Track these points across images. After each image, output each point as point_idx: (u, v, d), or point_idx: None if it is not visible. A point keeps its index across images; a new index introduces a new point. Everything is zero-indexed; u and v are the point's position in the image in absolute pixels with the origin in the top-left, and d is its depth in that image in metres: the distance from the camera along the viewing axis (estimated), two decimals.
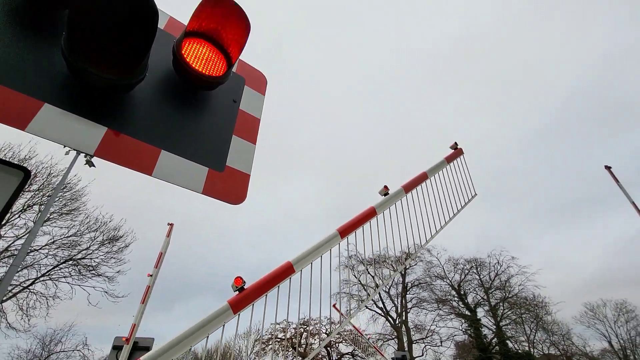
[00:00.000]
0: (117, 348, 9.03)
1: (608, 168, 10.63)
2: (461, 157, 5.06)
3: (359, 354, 29.71)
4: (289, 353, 28.37)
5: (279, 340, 28.96)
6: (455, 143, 5.07)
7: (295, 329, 29.17)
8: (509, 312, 33.03)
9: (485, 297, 33.84)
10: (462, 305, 33.39)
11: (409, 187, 4.02)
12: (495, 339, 31.13)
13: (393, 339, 31.08)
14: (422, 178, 4.30)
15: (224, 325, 2.60)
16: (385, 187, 3.79)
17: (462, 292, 34.24)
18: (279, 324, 29.74)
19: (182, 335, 2.43)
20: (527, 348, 32.72)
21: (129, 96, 1.43)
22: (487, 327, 32.41)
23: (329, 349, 28.74)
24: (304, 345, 28.65)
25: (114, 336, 9.27)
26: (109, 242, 20.16)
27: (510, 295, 33.28)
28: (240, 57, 1.96)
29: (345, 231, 3.46)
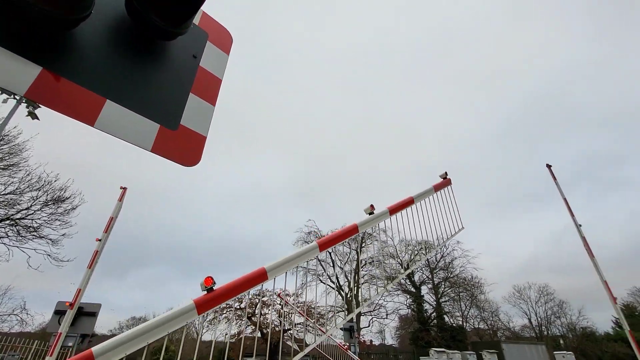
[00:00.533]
0: (59, 313, 8.64)
1: (549, 166, 11.69)
2: (449, 187, 5.24)
3: (311, 325, 31.16)
4: (243, 322, 28.91)
5: (233, 310, 29.31)
6: (445, 173, 5.24)
7: (250, 299, 29.62)
8: (449, 291, 36.26)
9: (429, 276, 36.70)
10: (409, 283, 35.98)
11: (394, 210, 4.17)
12: (434, 314, 34.20)
13: (343, 311, 32.85)
14: (409, 203, 4.49)
15: (186, 324, 2.48)
16: (372, 206, 3.93)
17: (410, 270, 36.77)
18: None
19: (140, 331, 2.26)
20: (460, 322, 36.41)
21: (71, 36, 1.27)
22: (428, 303, 35.42)
23: (282, 319, 29.68)
24: (258, 315, 29.38)
25: (57, 301, 8.87)
26: (54, 203, 18.62)
27: (451, 276, 36.40)
28: (206, 11, 1.81)
29: (325, 245, 3.47)
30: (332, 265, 35.27)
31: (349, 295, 33.52)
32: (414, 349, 27.78)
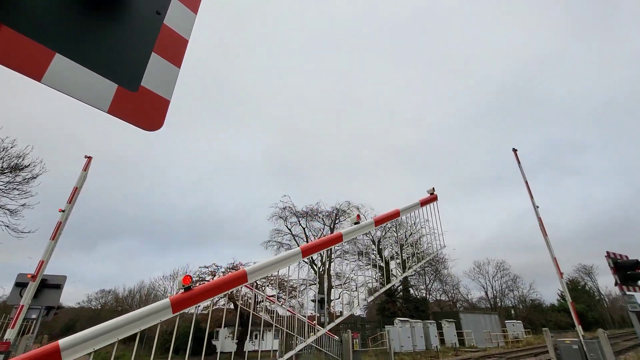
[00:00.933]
0: (20, 285, 8.34)
1: (514, 150, 12.28)
2: (435, 203, 5.31)
3: (283, 297, 32.00)
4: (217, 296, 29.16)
5: (206, 282, 29.41)
6: (433, 189, 5.29)
7: (223, 272, 29.78)
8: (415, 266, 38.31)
9: (398, 252, 38.44)
10: (379, 258, 37.56)
11: (379, 221, 4.21)
12: (400, 287, 36.19)
13: (315, 283, 33.93)
14: (394, 215, 4.51)
15: (160, 322, 2.36)
16: (358, 216, 4.00)
17: (380, 247, 38.28)
18: (207, 267, 30.00)
19: (110, 326, 2.16)
20: (424, 295, 38.82)
21: None
22: (396, 277, 37.33)
23: (255, 291, 30.23)
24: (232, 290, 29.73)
25: (17, 273, 8.54)
26: (10, 171, 17.29)
27: (419, 252, 38.31)
28: None
29: (308, 251, 3.45)
30: (306, 240, 35.90)
31: (321, 270, 34.53)
32: (381, 318, 29.52)
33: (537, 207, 11.22)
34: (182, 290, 2.46)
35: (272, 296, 31.27)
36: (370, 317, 38.36)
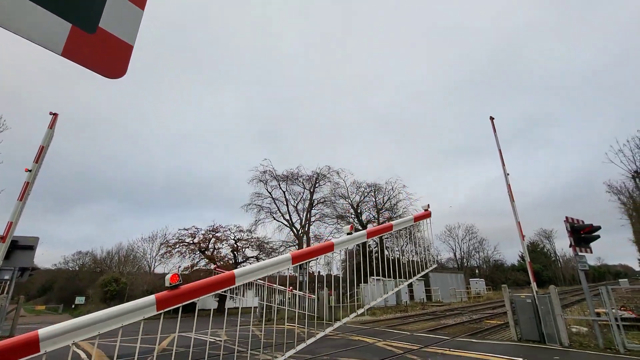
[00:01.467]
0: None
1: (492, 119, 12.52)
2: (428, 219, 5.23)
3: (263, 258, 32.87)
4: (196, 256, 29.49)
5: (186, 244, 29.51)
6: (428, 205, 5.29)
7: (203, 235, 29.94)
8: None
9: (376, 216, 39.77)
10: (357, 222, 38.79)
11: (372, 233, 4.22)
12: (376, 248, 37.98)
13: (294, 245, 34.89)
14: (387, 228, 4.53)
15: (143, 319, 2.28)
16: (352, 227, 4.04)
17: (359, 211, 39.40)
18: (187, 229, 29.99)
19: (91, 320, 2.03)
20: (397, 255, 41.00)
21: None
22: (372, 240, 38.99)
23: (235, 252, 30.76)
24: (211, 249, 30.11)
25: None
26: None
27: (395, 216, 39.79)
28: None
29: (298, 258, 3.35)
30: (286, 205, 36.25)
31: (300, 232, 35.37)
32: (356, 277, 31.15)
33: (508, 174, 11.75)
34: (169, 288, 2.42)
35: (251, 257, 31.99)
36: (347, 277, 40.42)
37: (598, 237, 10.04)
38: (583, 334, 10.04)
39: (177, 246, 29.27)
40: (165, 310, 2.30)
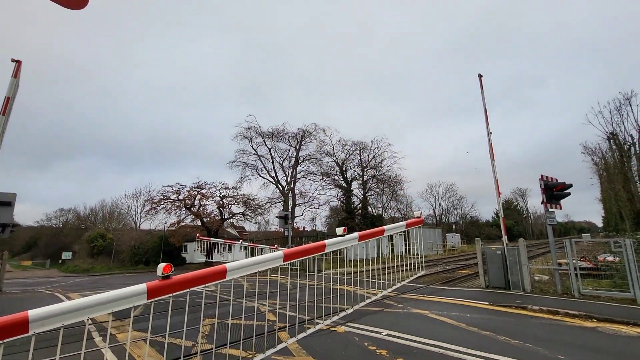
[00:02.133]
0: None
1: (480, 76, 12.34)
2: (419, 227, 5.49)
3: (249, 214, 33.37)
4: (182, 212, 29.59)
5: (171, 201, 29.40)
6: (420, 212, 5.47)
7: (188, 191, 29.78)
8: (375, 186, 40.86)
9: (360, 174, 40.34)
10: (342, 179, 39.32)
11: (364, 237, 4.32)
12: (360, 205, 39.08)
13: (280, 202, 35.41)
14: (379, 232, 4.68)
15: (133, 307, 2.29)
16: (345, 229, 4.06)
17: (344, 169, 39.74)
18: (171, 186, 29.69)
19: (82, 304, 2.06)
20: (380, 212, 42.41)
21: None
22: (356, 197, 39.91)
23: (221, 209, 31.00)
24: (197, 206, 30.21)
25: None
26: None
27: (379, 174, 40.50)
28: None
29: (290, 256, 3.38)
30: (271, 162, 36.05)
31: (285, 189, 35.70)
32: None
33: (491, 133, 11.91)
34: (161, 278, 2.46)
35: (238, 213, 32.36)
36: (331, 232, 42.01)
37: (569, 194, 10.60)
38: (544, 281, 11.02)
39: (162, 203, 29.18)
40: (156, 300, 2.39)
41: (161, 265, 2.42)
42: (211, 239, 17.98)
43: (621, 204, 29.04)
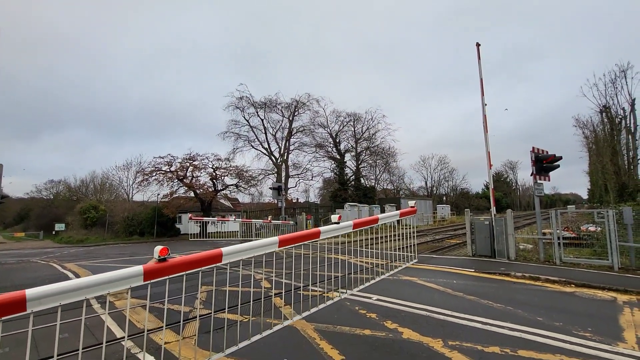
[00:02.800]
0: None
1: (478, 45, 12.03)
2: (413, 215, 5.60)
3: (242, 185, 33.36)
4: (174, 183, 29.42)
5: (163, 172, 29.11)
6: (415, 202, 5.56)
7: (180, 163, 29.44)
8: (368, 158, 40.94)
9: (354, 146, 40.21)
10: (335, 151, 39.20)
11: (358, 225, 4.42)
12: (353, 177, 39.32)
13: (273, 173, 35.40)
14: (373, 221, 4.77)
15: (129, 288, 2.36)
16: (340, 217, 4.13)
17: (337, 140, 39.50)
18: (162, 157, 29.27)
19: (79, 285, 2.11)
20: (373, 184, 42.83)
21: None
22: (349, 168, 40.06)
23: (214, 180, 30.88)
24: (190, 178, 30.01)
25: None
26: None
27: (372, 145, 40.43)
28: None
29: (285, 242, 3.44)
30: (263, 131, 35.54)
31: (278, 161, 35.54)
32: (332, 204, 32.85)
33: (486, 104, 11.84)
34: (157, 260, 2.50)
35: (231, 185, 32.34)
36: (324, 203, 42.53)
37: (558, 166, 10.79)
38: (528, 250, 11.50)
39: (154, 174, 28.90)
40: (152, 281, 2.48)
41: (158, 248, 2.47)
42: (204, 218, 18.06)
43: (607, 177, 29.77)
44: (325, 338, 4.15)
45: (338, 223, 4.11)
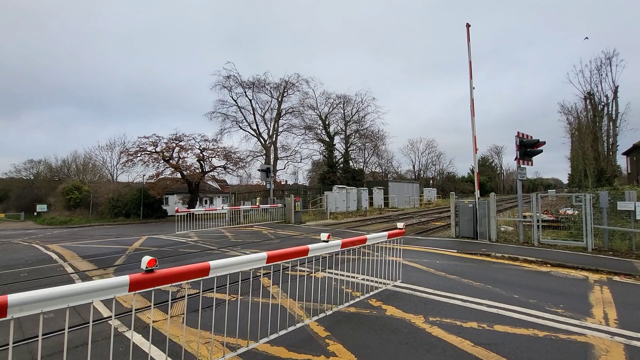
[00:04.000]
0: None
1: (468, 26, 11.91)
2: (400, 237, 5.77)
3: (230, 167, 32.99)
4: (160, 164, 28.82)
5: (148, 153, 28.42)
6: (404, 225, 5.78)
7: (166, 143, 28.75)
8: (357, 141, 40.92)
9: (343, 128, 40.02)
10: (324, 133, 38.97)
11: (346, 244, 4.58)
12: (342, 159, 39.36)
13: (262, 155, 35.07)
14: (361, 241, 4.89)
15: (114, 298, 2.29)
16: (329, 235, 4.29)
17: (327, 123, 39.19)
18: (147, 137, 28.48)
19: (63, 293, 2.05)
20: (361, 167, 43.05)
21: None
22: (338, 151, 40.02)
23: (201, 162, 30.41)
24: (176, 159, 29.42)
25: None
26: None
27: (362, 128, 40.34)
28: None
29: (273, 258, 3.50)
30: (252, 112, 34.89)
31: (267, 142, 35.15)
32: (321, 186, 32.94)
33: (474, 88, 11.88)
34: (144, 271, 2.42)
35: (219, 167, 31.94)
36: (313, 185, 42.65)
37: (541, 151, 11.05)
38: (509, 232, 11.92)
39: (139, 155, 28.20)
40: (138, 292, 2.45)
41: (146, 259, 2.42)
42: (191, 209, 17.85)
43: (587, 162, 30.73)
44: (312, 315, 4.27)
45: (327, 242, 4.29)
